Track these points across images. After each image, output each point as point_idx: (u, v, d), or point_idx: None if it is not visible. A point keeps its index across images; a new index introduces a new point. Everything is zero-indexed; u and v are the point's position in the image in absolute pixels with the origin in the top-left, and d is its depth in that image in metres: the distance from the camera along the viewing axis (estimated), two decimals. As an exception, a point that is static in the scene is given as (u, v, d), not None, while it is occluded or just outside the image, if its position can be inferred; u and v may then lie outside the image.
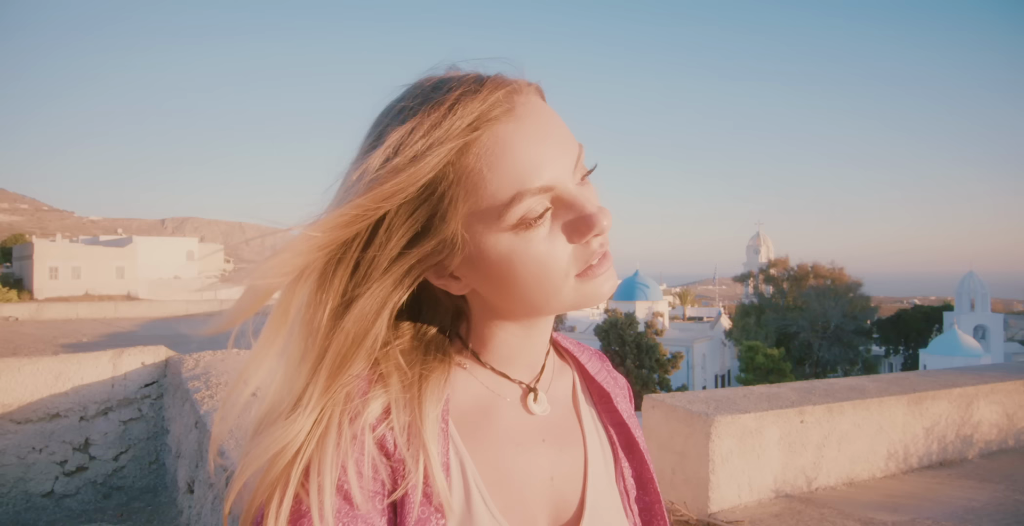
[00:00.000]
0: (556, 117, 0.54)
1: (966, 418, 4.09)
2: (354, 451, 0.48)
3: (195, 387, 2.37)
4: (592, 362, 0.70)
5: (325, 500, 0.45)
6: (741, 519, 3.15)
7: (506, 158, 0.50)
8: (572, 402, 0.66)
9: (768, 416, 3.39)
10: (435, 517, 0.50)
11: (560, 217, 0.52)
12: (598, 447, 0.65)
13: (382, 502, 0.48)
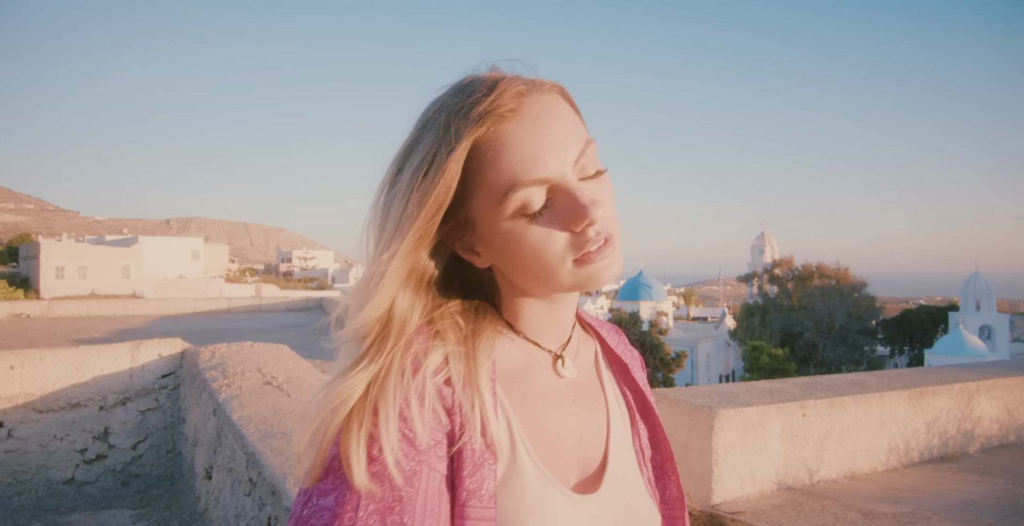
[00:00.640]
0: (564, 115, 0.59)
1: (967, 413, 4.13)
2: (416, 393, 0.54)
3: (212, 377, 2.44)
4: (611, 336, 0.77)
5: (392, 435, 0.51)
6: (744, 510, 3.20)
7: (506, 153, 0.56)
8: (595, 370, 0.73)
9: (770, 410, 3.44)
10: (489, 462, 0.56)
11: (557, 207, 0.58)
12: (618, 411, 0.71)
13: (442, 449, 0.55)
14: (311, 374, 2.55)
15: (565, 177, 0.57)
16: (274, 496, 1.51)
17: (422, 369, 0.56)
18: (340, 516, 0.49)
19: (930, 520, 3.10)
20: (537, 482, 0.59)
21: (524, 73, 0.62)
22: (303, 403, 2.06)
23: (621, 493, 0.65)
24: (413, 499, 0.51)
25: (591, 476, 0.65)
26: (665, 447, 0.74)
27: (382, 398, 0.53)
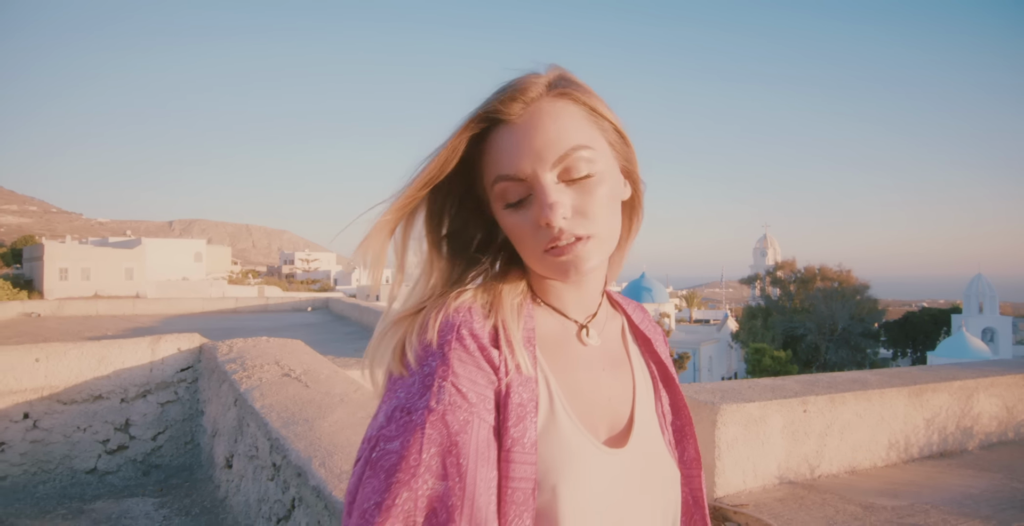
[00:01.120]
0: (555, 122, 0.67)
1: (966, 410, 4.19)
2: (466, 354, 0.63)
3: (232, 369, 2.52)
4: (636, 313, 0.86)
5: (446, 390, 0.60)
6: (746, 503, 3.27)
7: (496, 151, 0.67)
8: (622, 342, 0.81)
9: (772, 405, 3.51)
10: (530, 414, 0.64)
11: (534, 203, 0.66)
12: (642, 378, 0.79)
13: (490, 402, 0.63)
14: (327, 367, 2.63)
15: (539, 177, 0.65)
16: (300, 478, 1.59)
17: (471, 332, 0.64)
18: (406, 457, 0.57)
19: (928, 513, 3.16)
20: (572, 434, 0.67)
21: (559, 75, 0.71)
22: (321, 393, 2.15)
23: (645, 450, 0.73)
24: (467, 444, 0.59)
25: (619, 434, 0.73)
26: (684, 413, 0.82)
27: (441, 366, 0.62)
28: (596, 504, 0.66)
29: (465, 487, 0.58)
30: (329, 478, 1.45)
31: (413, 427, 0.59)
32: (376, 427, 0.61)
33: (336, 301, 14.12)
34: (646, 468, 0.72)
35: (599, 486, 0.66)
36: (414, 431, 0.58)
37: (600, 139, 0.70)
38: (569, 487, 0.64)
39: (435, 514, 0.57)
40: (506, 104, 0.67)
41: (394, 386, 0.64)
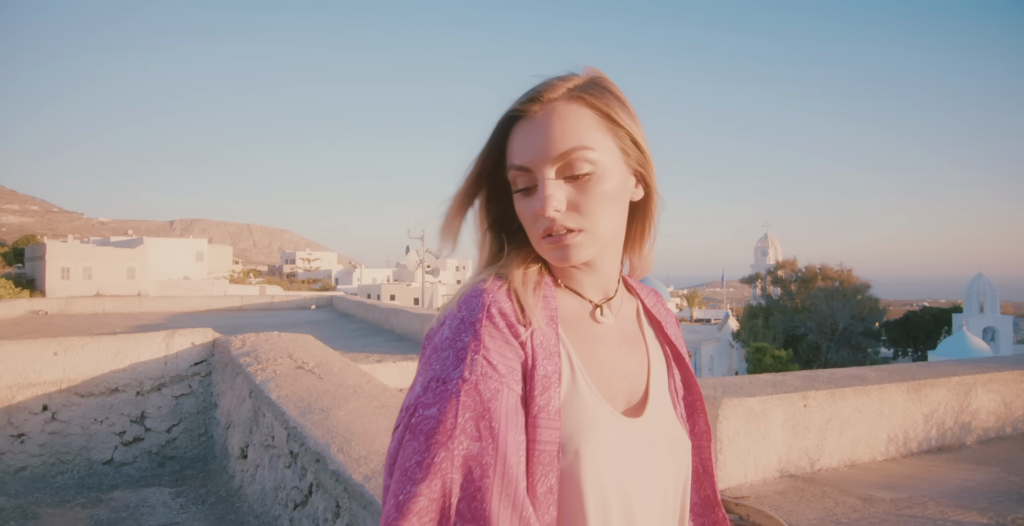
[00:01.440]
0: (563, 122, 0.73)
1: (964, 405, 4.25)
2: (496, 330, 0.70)
3: (246, 362, 2.58)
4: (649, 298, 0.92)
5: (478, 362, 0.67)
6: (747, 495, 3.33)
7: (513, 141, 0.75)
8: (637, 323, 0.88)
9: (773, 400, 3.57)
10: (554, 385, 0.70)
11: (537, 193, 0.74)
12: (656, 356, 0.86)
13: (518, 374, 0.69)
14: (339, 360, 2.69)
15: (540, 170, 0.73)
16: (318, 463, 1.65)
17: (498, 309, 0.71)
18: (443, 421, 0.63)
19: (926, 505, 3.22)
20: (593, 404, 0.73)
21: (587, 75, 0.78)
22: (335, 385, 2.21)
23: (659, 421, 0.79)
24: (498, 409, 0.66)
25: (635, 405, 0.79)
26: (695, 389, 0.88)
27: (473, 341, 0.68)
28: (615, 467, 0.72)
29: (498, 448, 0.64)
30: (348, 462, 1.51)
31: (449, 395, 0.65)
32: (414, 396, 0.68)
33: (340, 299, 14.18)
34: (660, 437, 0.78)
35: (617, 451, 0.73)
36: (450, 398, 0.65)
37: (610, 143, 0.75)
38: (590, 450, 0.70)
39: (470, 472, 0.63)
40: (526, 103, 0.74)
41: (429, 360, 0.70)
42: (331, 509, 1.59)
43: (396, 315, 9.66)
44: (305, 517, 1.78)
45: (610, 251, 0.80)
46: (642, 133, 0.79)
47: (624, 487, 0.73)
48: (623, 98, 0.78)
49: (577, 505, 0.70)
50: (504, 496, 0.63)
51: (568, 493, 0.70)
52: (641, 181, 0.81)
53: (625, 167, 0.78)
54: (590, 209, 0.74)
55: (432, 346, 0.71)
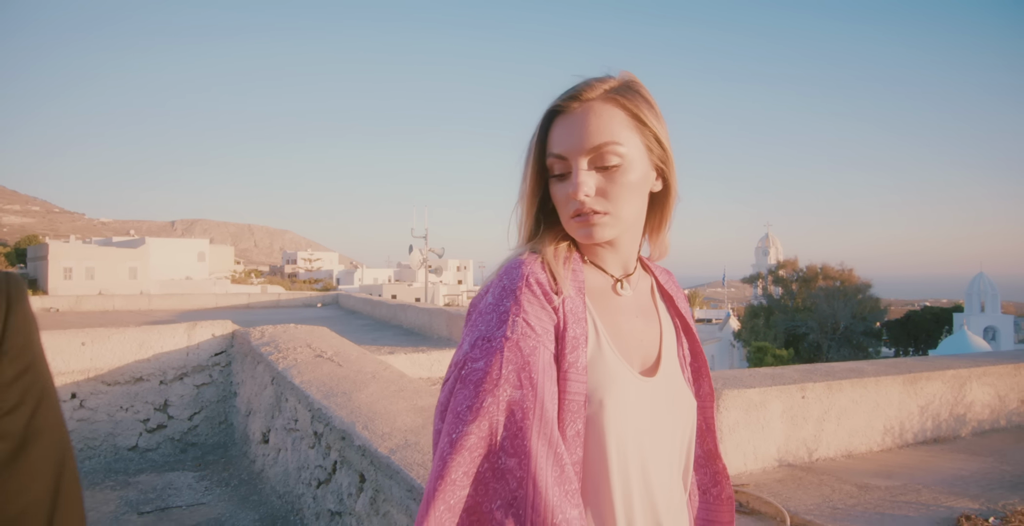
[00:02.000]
0: (597, 119, 0.85)
1: (959, 398, 4.35)
2: (533, 297, 0.81)
3: (267, 351, 2.70)
4: (662, 276, 1.04)
5: (519, 324, 0.78)
6: (747, 483, 3.44)
7: (553, 132, 0.87)
8: (652, 297, 0.99)
9: (772, 391, 3.68)
10: (581, 346, 0.82)
11: (570, 178, 0.85)
12: (668, 327, 0.98)
13: (551, 335, 0.81)
14: (355, 350, 2.81)
15: (575, 159, 0.85)
16: (343, 441, 1.76)
17: (535, 279, 0.82)
18: (489, 372, 0.75)
19: (920, 492, 3.33)
20: (614, 363, 0.85)
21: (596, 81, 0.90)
22: (354, 371, 2.32)
23: (669, 381, 0.91)
24: (536, 363, 0.77)
25: (649, 367, 0.91)
26: (701, 357, 1.00)
27: (514, 305, 0.80)
28: (631, 417, 0.84)
29: (536, 395, 0.76)
30: (373, 438, 1.62)
31: (494, 350, 0.76)
32: (462, 353, 0.79)
33: (346, 296, 14.30)
34: (670, 395, 0.90)
35: (634, 404, 0.84)
36: (495, 353, 0.76)
37: (636, 140, 0.87)
38: (612, 401, 0.82)
39: (513, 414, 0.74)
40: (567, 100, 0.86)
41: (475, 322, 0.82)
42: (355, 484, 1.70)
43: (404, 310, 9.81)
44: (329, 493, 1.89)
45: (630, 233, 0.92)
46: (666, 133, 0.91)
47: (639, 436, 0.85)
48: (651, 101, 0.89)
49: (600, 448, 0.82)
50: (541, 435, 0.75)
51: (592, 437, 0.82)
52: (661, 175, 0.93)
53: (648, 162, 0.89)
54: (615, 196, 0.86)
55: (478, 311, 0.83)
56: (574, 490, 0.76)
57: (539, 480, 0.73)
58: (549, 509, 0.72)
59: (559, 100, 0.87)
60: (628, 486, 0.83)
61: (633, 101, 0.87)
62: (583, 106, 0.85)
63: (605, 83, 0.87)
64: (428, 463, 1.44)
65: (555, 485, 0.74)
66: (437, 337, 7.60)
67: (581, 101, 0.85)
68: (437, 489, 0.73)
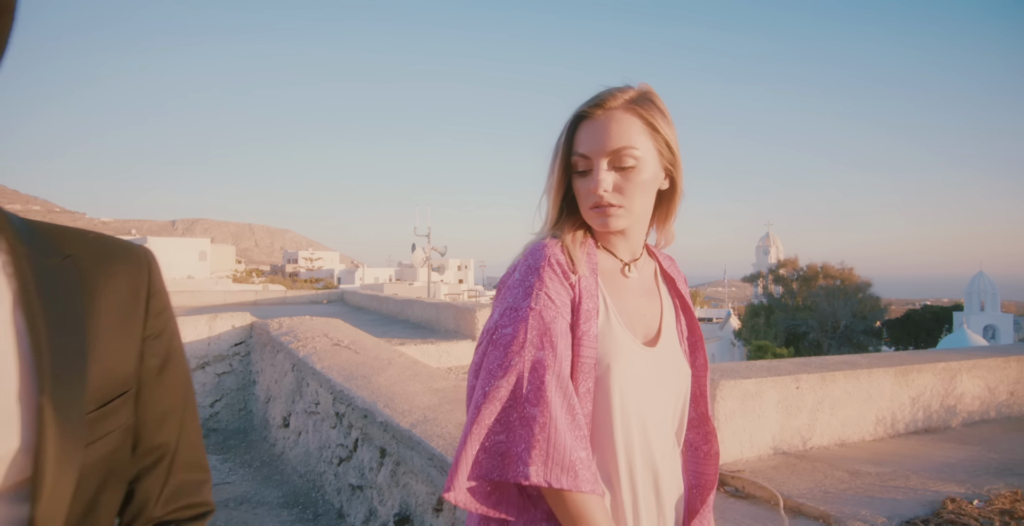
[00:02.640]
0: (618, 125, 0.99)
1: (950, 390, 4.49)
2: (554, 274, 0.95)
3: (287, 340, 2.84)
4: (666, 262, 1.19)
5: (541, 297, 0.93)
6: (743, 469, 3.58)
7: (578, 134, 1.01)
8: (655, 279, 1.14)
9: (767, 382, 3.81)
10: (593, 318, 0.96)
11: (591, 175, 1.00)
12: (668, 305, 1.12)
13: (568, 307, 0.95)
14: (370, 339, 2.95)
15: (597, 159, 0.99)
16: (366, 419, 1.89)
17: (556, 259, 0.97)
18: (517, 337, 0.90)
19: (909, 478, 3.47)
20: (620, 334, 0.99)
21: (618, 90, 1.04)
22: (371, 358, 2.46)
23: (668, 352, 1.06)
24: (555, 331, 0.92)
25: (651, 339, 1.06)
26: (697, 332, 1.15)
27: (538, 281, 0.95)
28: (634, 380, 0.98)
29: (556, 355, 0.91)
30: (394, 415, 1.75)
31: (520, 318, 0.91)
32: (493, 321, 0.94)
33: (351, 293, 14.46)
34: (668, 364, 1.05)
35: (637, 369, 0.99)
36: (521, 321, 0.91)
37: (650, 145, 1.01)
38: (617, 366, 0.97)
39: (535, 370, 0.89)
40: (592, 107, 1.01)
41: (504, 295, 0.97)
42: (376, 458, 1.84)
43: (411, 306, 10.00)
44: (351, 469, 2.03)
45: (639, 225, 1.07)
46: (676, 139, 1.05)
47: (639, 396, 0.99)
48: (665, 110, 1.04)
49: (606, 404, 0.97)
50: (558, 388, 0.90)
51: (600, 395, 0.97)
52: (669, 175, 1.08)
53: (659, 164, 1.04)
54: (629, 192, 1.00)
55: (506, 285, 0.98)
56: (584, 435, 0.91)
57: (556, 425, 0.88)
58: (565, 449, 0.87)
59: (585, 106, 1.01)
60: (629, 437, 0.97)
61: (649, 111, 1.02)
62: (606, 114, 1.00)
63: (625, 93, 1.01)
64: (446, 435, 1.58)
65: (568, 430, 0.88)
66: (445, 330, 7.76)
67: (605, 109, 1.00)
68: (471, 432, 0.87)
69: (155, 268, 0.74)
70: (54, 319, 0.62)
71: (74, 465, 0.60)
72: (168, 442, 0.77)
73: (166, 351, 0.76)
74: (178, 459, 0.77)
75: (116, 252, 0.72)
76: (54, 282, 0.64)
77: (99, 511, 0.66)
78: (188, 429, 0.79)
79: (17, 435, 0.59)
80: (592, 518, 0.87)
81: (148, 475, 0.75)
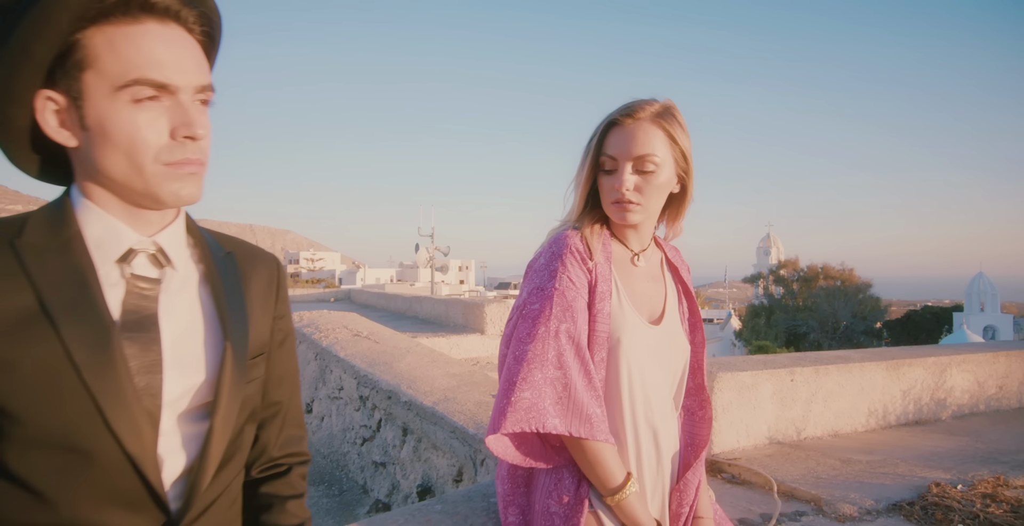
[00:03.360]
0: (643, 134, 1.16)
1: (940, 383, 4.65)
2: (574, 260, 1.13)
3: (310, 332, 3.01)
4: (671, 252, 1.37)
5: (563, 279, 1.11)
6: (739, 457, 3.74)
7: (608, 138, 1.19)
8: (661, 267, 1.32)
9: (763, 374, 3.98)
10: (607, 298, 1.14)
11: (616, 175, 1.18)
12: (671, 290, 1.30)
13: (586, 288, 1.13)
14: (387, 331, 3.11)
15: (622, 162, 1.16)
16: (390, 399, 2.06)
17: (576, 247, 1.14)
18: (544, 311, 1.07)
19: (898, 465, 3.63)
20: (630, 313, 1.17)
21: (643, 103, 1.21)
22: (390, 346, 2.64)
23: (670, 330, 1.24)
24: (576, 307, 1.10)
25: (655, 319, 1.24)
26: (696, 314, 1.32)
27: (561, 266, 1.12)
28: (640, 352, 1.16)
29: (576, 327, 1.08)
30: (418, 395, 1.92)
31: (546, 297, 1.09)
32: (522, 300, 1.12)
33: (358, 292, 14.67)
34: (670, 340, 1.23)
35: (643, 344, 1.17)
36: (547, 299, 1.09)
37: (668, 154, 1.19)
38: (626, 340, 1.14)
39: (559, 339, 1.07)
40: (622, 116, 1.18)
41: (531, 277, 1.15)
42: (399, 436, 2.01)
43: (419, 302, 10.22)
44: (375, 447, 2.19)
45: (650, 221, 1.25)
46: (690, 149, 1.23)
47: (644, 366, 1.17)
48: (683, 124, 1.21)
49: (616, 371, 1.14)
50: (577, 356, 1.08)
51: (611, 364, 1.14)
52: (681, 181, 1.25)
53: (673, 170, 1.22)
54: (647, 193, 1.18)
55: (533, 269, 1.17)
56: (598, 395, 1.09)
57: (575, 385, 1.06)
58: (582, 405, 1.05)
59: (617, 114, 1.18)
60: (634, 399, 1.15)
61: (671, 124, 1.19)
62: (635, 123, 1.17)
63: (652, 106, 1.19)
64: (466, 411, 1.75)
65: (585, 390, 1.06)
66: (454, 325, 7.94)
67: (634, 119, 1.17)
68: (505, 391, 1.05)
69: (282, 269, 0.97)
70: (227, 293, 0.84)
71: (239, 396, 0.84)
72: (283, 400, 0.98)
73: (286, 330, 0.99)
74: (289, 415, 0.99)
75: (257, 253, 0.95)
76: (224, 269, 0.86)
77: (243, 438, 0.89)
78: (295, 393, 1.00)
79: (204, 371, 0.81)
80: (606, 462, 1.06)
81: (269, 424, 0.97)
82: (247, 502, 0.94)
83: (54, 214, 0.78)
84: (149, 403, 0.75)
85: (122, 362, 0.73)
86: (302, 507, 0.98)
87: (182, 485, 0.79)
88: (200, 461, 0.78)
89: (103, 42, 0.72)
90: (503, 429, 1.02)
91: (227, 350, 0.81)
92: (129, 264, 0.78)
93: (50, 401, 0.69)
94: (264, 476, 0.96)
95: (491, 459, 1.57)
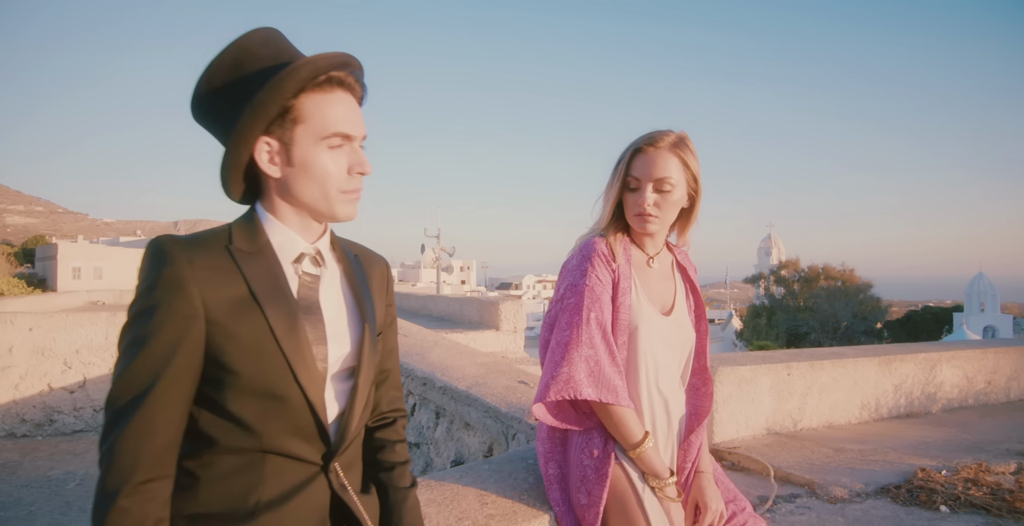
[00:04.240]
0: (664, 161, 1.41)
1: (930, 378, 4.88)
2: (601, 261, 1.37)
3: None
4: (681, 255, 1.62)
5: (592, 277, 1.35)
6: (738, 446, 3.98)
7: (633, 163, 1.44)
8: (671, 268, 1.57)
9: (761, 368, 4.21)
10: (627, 292, 1.38)
11: (639, 194, 1.43)
12: (680, 287, 1.55)
13: (610, 284, 1.37)
14: (413, 326, 3.35)
15: (645, 183, 1.41)
16: (425, 386, 2.29)
17: (602, 251, 1.39)
18: (579, 303, 1.32)
19: (888, 453, 3.86)
20: (646, 306, 1.41)
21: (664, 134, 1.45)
22: (419, 340, 2.87)
23: (679, 321, 1.48)
24: (603, 300, 1.34)
25: (667, 311, 1.48)
26: (702, 308, 1.57)
27: (590, 266, 1.37)
28: (653, 338, 1.41)
29: (603, 315, 1.33)
30: (452, 380, 2.16)
31: (579, 292, 1.34)
32: (559, 294, 1.37)
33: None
34: (678, 328, 1.47)
35: (656, 331, 1.42)
36: (580, 294, 1.34)
37: (682, 177, 1.43)
38: (643, 327, 1.39)
39: (591, 325, 1.32)
40: (645, 145, 1.43)
41: (565, 276, 1.39)
42: (432, 419, 2.24)
43: (433, 301, 10.48)
44: (410, 430, 2.42)
45: (664, 230, 1.50)
46: (699, 172, 1.48)
47: (656, 349, 1.42)
48: (694, 151, 1.45)
49: (634, 353, 1.39)
50: (604, 338, 1.32)
51: (631, 347, 1.39)
52: (691, 199, 1.50)
53: (685, 190, 1.47)
54: (663, 208, 1.44)
55: (567, 269, 1.41)
56: (620, 370, 1.33)
57: (603, 362, 1.30)
58: (609, 377, 1.29)
59: (641, 143, 1.44)
60: (648, 375, 1.39)
61: (684, 152, 1.44)
62: (656, 151, 1.43)
63: (669, 136, 1.44)
64: (496, 394, 1.99)
65: (609, 366, 1.31)
66: (469, 322, 8.19)
67: (655, 147, 1.43)
68: (550, 368, 1.30)
69: (390, 268, 1.26)
70: (359, 285, 1.11)
71: (374, 362, 1.10)
72: (390, 368, 1.26)
73: (393, 315, 1.26)
74: (393, 379, 1.26)
75: (373, 256, 1.22)
76: (356, 266, 1.14)
77: (372, 395, 1.16)
78: (397, 363, 1.27)
79: (349, 344, 1.07)
80: (628, 422, 1.31)
81: (381, 386, 1.24)
82: (365, 445, 1.21)
83: (248, 226, 1.06)
84: (320, 365, 1.02)
85: (304, 335, 0.99)
86: (405, 449, 1.27)
87: (336, 425, 1.06)
88: (349, 408, 1.05)
89: (312, 105, 1.02)
90: (548, 398, 1.27)
91: (365, 328, 1.08)
92: (300, 263, 1.06)
93: (258, 361, 0.96)
94: (377, 425, 1.23)
95: (521, 433, 1.81)
